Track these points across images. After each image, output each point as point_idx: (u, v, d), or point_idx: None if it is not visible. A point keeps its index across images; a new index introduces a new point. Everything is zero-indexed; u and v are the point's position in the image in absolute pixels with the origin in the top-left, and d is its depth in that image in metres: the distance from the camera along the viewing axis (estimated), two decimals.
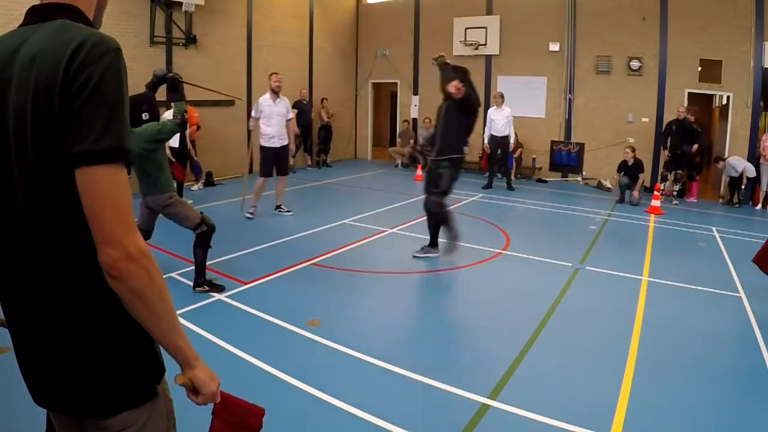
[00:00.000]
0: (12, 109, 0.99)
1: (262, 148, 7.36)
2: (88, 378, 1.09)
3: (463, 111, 5.40)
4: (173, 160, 8.02)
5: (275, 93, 7.28)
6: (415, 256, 5.73)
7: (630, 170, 9.23)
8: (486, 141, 10.29)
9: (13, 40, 1.06)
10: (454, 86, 5.26)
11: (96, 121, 0.95)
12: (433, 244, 5.82)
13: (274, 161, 7.32)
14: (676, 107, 9.52)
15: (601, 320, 4.32)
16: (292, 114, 7.68)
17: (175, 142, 8.06)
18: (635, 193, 9.16)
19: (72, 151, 0.95)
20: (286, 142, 7.41)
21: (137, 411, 1.15)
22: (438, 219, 5.63)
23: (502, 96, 10.03)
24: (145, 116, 4.94)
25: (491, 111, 10.14)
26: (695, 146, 8.96)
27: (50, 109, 0.95)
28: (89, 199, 0.96)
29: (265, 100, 7.29)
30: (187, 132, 8.21)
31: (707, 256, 6.40)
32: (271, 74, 7.47)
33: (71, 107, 0.94)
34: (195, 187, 9.59)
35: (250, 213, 7.39)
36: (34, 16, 1.09)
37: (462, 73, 5.44)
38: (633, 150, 9.27)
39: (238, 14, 10.94)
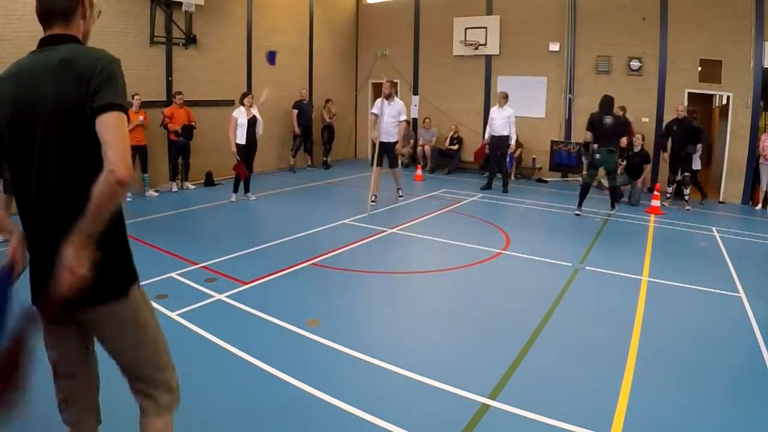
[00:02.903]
0: (52, 90, 1.56)
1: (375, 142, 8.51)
2: (104, 272, 1.57)
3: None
4: (238, 158, 8.10)
5: (386, 97, 8.40)
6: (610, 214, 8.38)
7: (632, 158, 9.16)
8: (486, 137, 10.26)
9: (38, 56, 1.65)
10: (625, 140, 8.48)
11: (111, 90, 1.55)
12: (613, 206, 8.60)
13: (383, 153, 8.47)
14: (676, 107, 9.51)
15: (601, 320, 4.32)
16: (404, 117, 8.72)
17: (242, 138, 8.13)
18: (638, 184, 9.20)
19: (98, 104, 1.52)
20: (394, 140, 8.54)
21: (129, 301, 1.72)
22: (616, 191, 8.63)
23: (505, 97, 9.93)
24: None
25: (493, 110, 10.08)
26: (698, 146, 8.80)
27: (86, 87, 1.54)
28: (107, 131, 1.51)
29: (379, 101, 8.50)
30: (260, 128, 8.43)
31: (707, 256, 6.40)
32: (385, 82, 8.54)
33: (99, 84, 1.55)
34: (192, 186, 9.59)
35: (373, 201, 8.36)
36: (50, 42, 1.67)
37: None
38: (642, 138, 9.19)
39: (238, 14, 10.94)
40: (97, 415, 1.92)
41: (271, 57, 8.77)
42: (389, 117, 8.48)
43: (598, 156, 8.12)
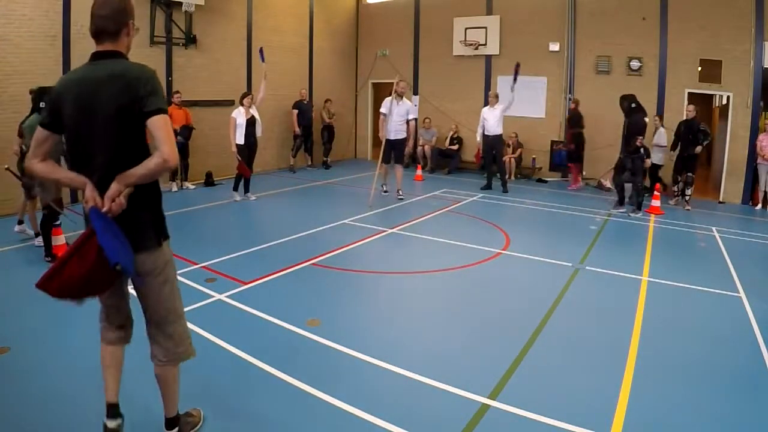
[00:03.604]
0: (105, 95, 2.04)
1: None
2: (146, 227, 2.23)
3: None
4: (239, 158, 8.13)
5: (398, 95, 8.74)
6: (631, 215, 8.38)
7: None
8: (478, 139, 10.27)
9: (93, 67, 2.12)
10: (639, 141, 8.22)
11: (156, 98, 2.07)
12: (621, 203, 8.65)
13: (390, 150, 8.86)
14: (677, 107, 9.51)
15: (601, 320, 4.32)
16: (412, 115, 9.02)
17: (240, 138, 8.15)
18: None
19: (148, 109, 2.03)
20: (401, 137, 8.85)
21: (162, 251, 2.28)
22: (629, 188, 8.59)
23: (497, 96, 10.00)
24: (42, 104, 5.25)
25: (485, 110, 10.10)
26: (698, 147, 8.79)
27: (135, 94, 2.04)
28: (158, 130, 2.03)
29: (388, 100, 8.81)
30: (258, 129, 8.46)
31: (707, 256, 6.40)
32: (399, 82, 8.88)
33: (146, 93, 2.05)
34: (192, 186, 9.59)
35: (385, 191, 9.18)
36: (100, 57, 2.14)
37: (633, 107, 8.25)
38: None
39: (238, 14, 10.95)
40: (129, 335, 2.50)
41: (260, 54, 8.84)
42: (398, 116, 8.76)
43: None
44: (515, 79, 9.54)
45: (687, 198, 9.05)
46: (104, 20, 2.11)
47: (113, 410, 2.42)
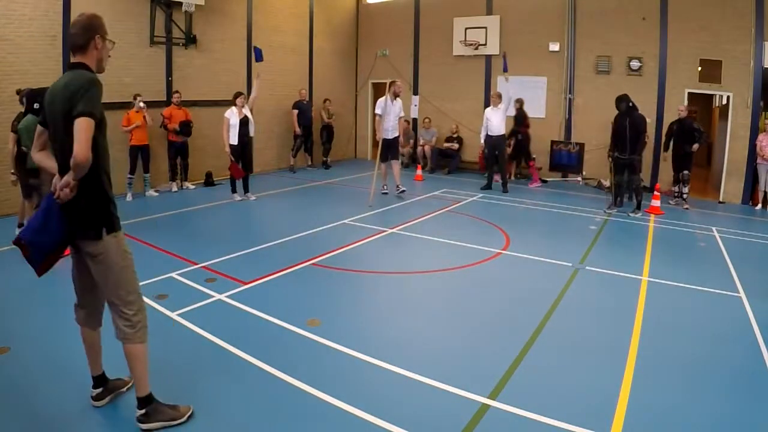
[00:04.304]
0: (59, 102, 2.39)
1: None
2: (86, 218, 2.48)
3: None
4: (232, 159, 8.15)
5: (396, 96, 9.06)
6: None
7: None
8: (482, 140, 10.25)
9: (62, 77, 2.51)
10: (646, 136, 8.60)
11: (84, 103, 2.32)
12: (615, 203, 8.73)
13: (386, 149, 9.02)
14: (677, 107, 9.49)
15: (601, 320, 4.32)
16: (402, 113, 9.40)
17: (234, 138, 8.16)
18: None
19: (75, 112, 2.31)
20: (396, 135, 9.16)
21: (103, 243, 2.49)
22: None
23: (499, 96, 9.98)
24: (36, 105, 5.33)
25: (488, 110, 10.06)
26: (695, 146, 8.82)
27: (73, 100, 2.33)
28: (76, 131, 2.28)
29: (382, 101, 8.96)
30: (251, 128, 8.46)
31: (707, 256, 6.40)
32: (395, 82, 9.15)
33: (78, 99, 2.32)
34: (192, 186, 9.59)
35: (384, 192, 9.31)
36: (71, 67, 2.50)
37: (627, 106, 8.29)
38: None
39: (238, 14, 10.94)
40: (99, 319, 2.79)
41: (257, 54, 8.76)
42: (393, 115, 9.00)
43: None
44: (505, 69, 9.82)
45: (685, 196, 9.08)
46: (74, 36, 2.48)
47: (95, 381, 2.85)
